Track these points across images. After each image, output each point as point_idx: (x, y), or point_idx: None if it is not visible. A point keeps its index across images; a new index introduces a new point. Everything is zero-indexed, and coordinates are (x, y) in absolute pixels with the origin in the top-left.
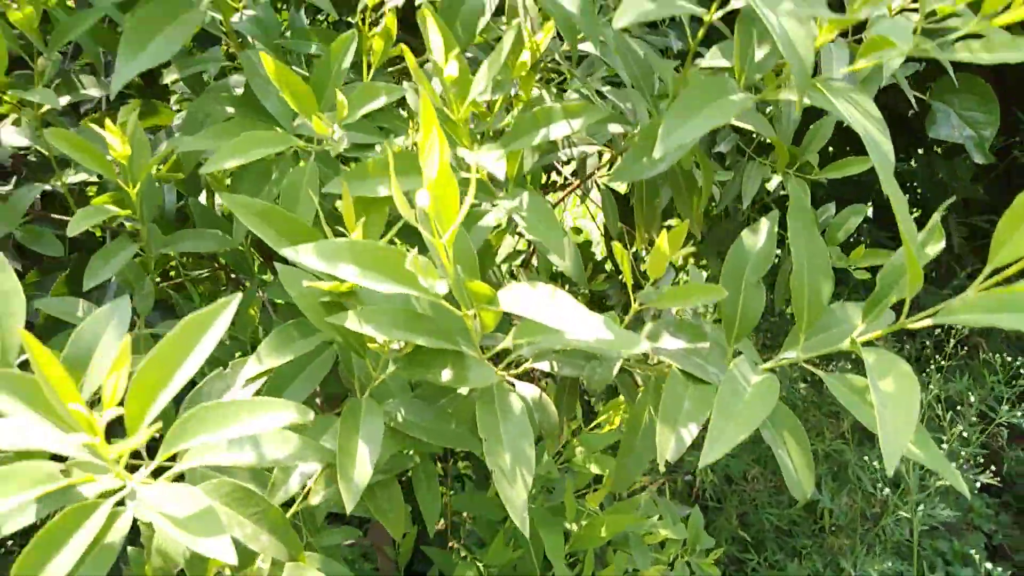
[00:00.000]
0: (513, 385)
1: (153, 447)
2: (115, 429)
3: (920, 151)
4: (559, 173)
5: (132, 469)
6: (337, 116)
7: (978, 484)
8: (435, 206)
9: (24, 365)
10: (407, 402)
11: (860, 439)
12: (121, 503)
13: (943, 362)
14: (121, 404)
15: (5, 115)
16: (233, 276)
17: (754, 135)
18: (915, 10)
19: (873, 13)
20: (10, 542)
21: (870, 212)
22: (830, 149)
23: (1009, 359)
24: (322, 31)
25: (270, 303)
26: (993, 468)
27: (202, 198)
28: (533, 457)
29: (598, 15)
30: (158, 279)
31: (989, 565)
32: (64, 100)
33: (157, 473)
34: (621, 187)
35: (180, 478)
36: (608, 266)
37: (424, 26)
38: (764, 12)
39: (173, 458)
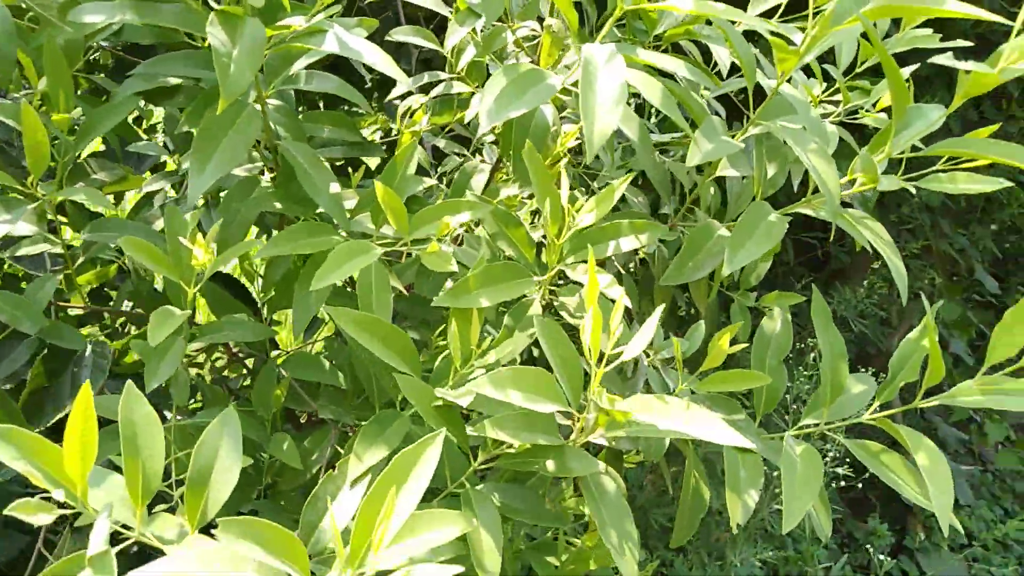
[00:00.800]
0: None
1: None
2: None
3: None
4: None
5: None
6: (413, 227)
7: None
8: (594, 339)
9: None
10: (500, 488)
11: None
12: None
13: None
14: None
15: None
16: (235, 351)
17: None
18: (836, 103)
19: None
20: None
21: None
22: None
23: None
24: (329, 114)
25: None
26: (848, 460)
27: None
28: (635, 533)
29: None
30: None
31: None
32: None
33: None
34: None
35: None
36: None
37: (518, 156)
38: (800, 153)
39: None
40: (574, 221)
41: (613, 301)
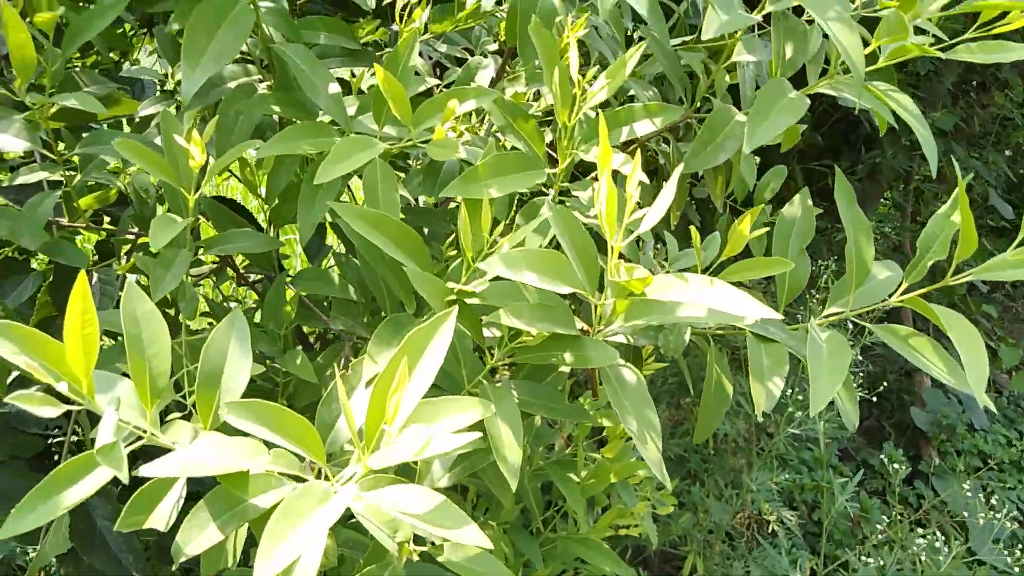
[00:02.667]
0: None
1: None
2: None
3: None
4: None
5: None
6: (416, 120)
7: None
8: (608, 211)
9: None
10: (518, 384)
11: (736, 372)
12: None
13: None
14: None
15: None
16: (242, 271)
17: None
18: None
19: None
20: None
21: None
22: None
23: None
24: (325, 20)
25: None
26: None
27: None
28: (657, 422)
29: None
30: None
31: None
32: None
33: None
34: None
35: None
36: None
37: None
38: (818, 19)
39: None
40: (585, 97)
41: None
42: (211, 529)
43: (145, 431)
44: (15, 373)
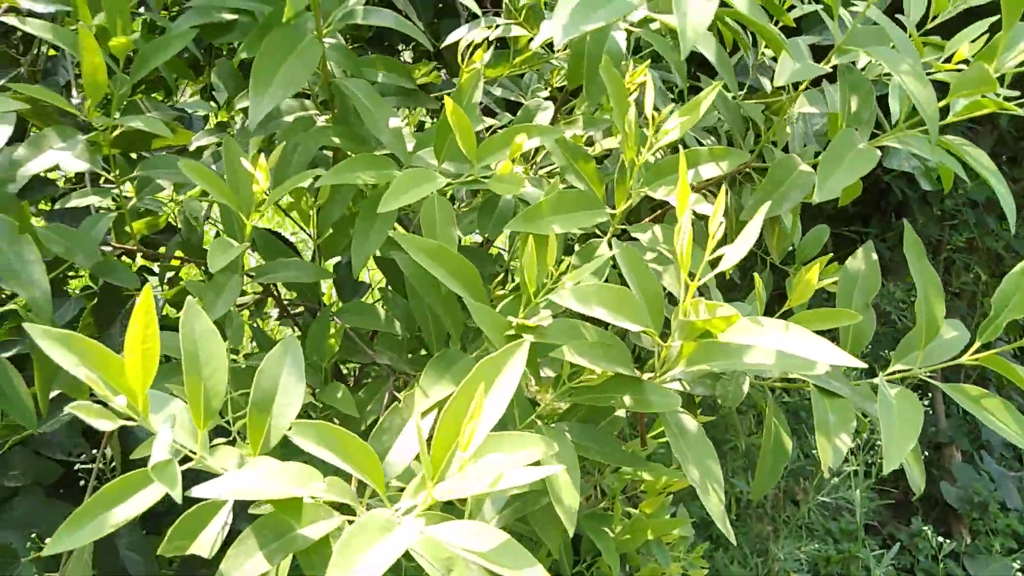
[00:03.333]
0: None
1: None
2: None
3: None
4: None
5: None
6: (480, 155)
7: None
8: (685, 259)
9: None
10: (573, 427)
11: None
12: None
13: None
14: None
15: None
16: (285, 302)
17: None
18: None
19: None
20: None
21: None
22: None
23: None
24: (384, 59)
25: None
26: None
27: None
28: (719, 472)
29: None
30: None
31: None
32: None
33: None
34: None
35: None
36: None
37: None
38: (894, 72)
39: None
40: (658, 136)
41: (699, 217)
42: (257, 558)
43: (195, 453)
44: (55, 392)
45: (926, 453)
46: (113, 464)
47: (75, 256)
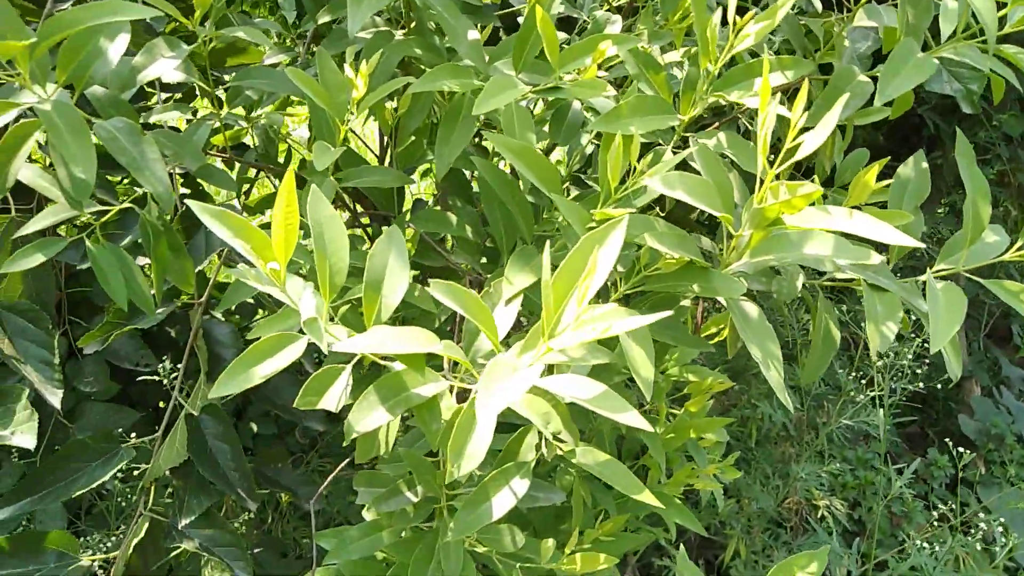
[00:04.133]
0: None
1: None
2: None
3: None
4: None
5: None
6: (562, 61)
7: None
8: (765, 144)
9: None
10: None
11: (788, 360)
12: None
13: None
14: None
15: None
16: (354, 208)
17: None
18: None
19: None
20: None
21: None
22: None
23: None
24: None
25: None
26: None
27: None
28: (778, 352)
29: None
30: None
31: None
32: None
33: None
34: None
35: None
36: None
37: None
38: None
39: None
40: (736, 39)
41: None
42: (380, 411)
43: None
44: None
45: (939, 386)
46: (174, 375)
47: (182, 159)
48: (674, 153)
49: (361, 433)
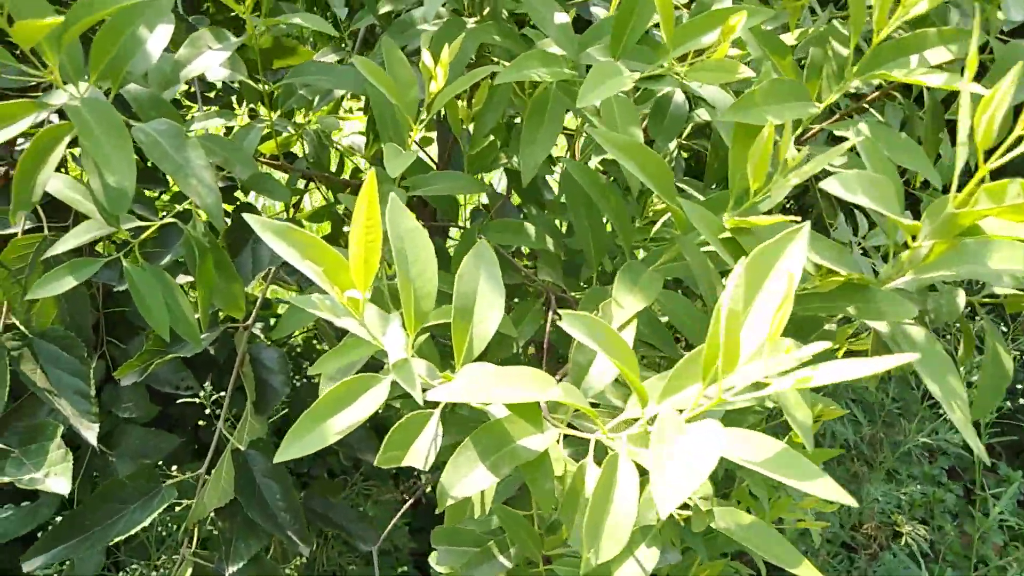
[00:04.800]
0: None
1: None
2: None
3: None
4: None
5: None
6: (676, 40)
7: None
8: (975, 130)
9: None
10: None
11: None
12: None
13: None
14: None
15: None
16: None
17: None
18: None
19: None
20: None
21: None
22: None
23: None
24: None
25: None
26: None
27: None
28: (962, 388)
29: None
30: None
31: None
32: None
33: None
34: None
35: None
36: None
37: None
38: None
39: None
40: (904, 10)
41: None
42: (480, 470)
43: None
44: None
45: (1008, 404)
46: (215, 398)
47: (232, 166)
48: (797, 148)
49: (458, 499)
